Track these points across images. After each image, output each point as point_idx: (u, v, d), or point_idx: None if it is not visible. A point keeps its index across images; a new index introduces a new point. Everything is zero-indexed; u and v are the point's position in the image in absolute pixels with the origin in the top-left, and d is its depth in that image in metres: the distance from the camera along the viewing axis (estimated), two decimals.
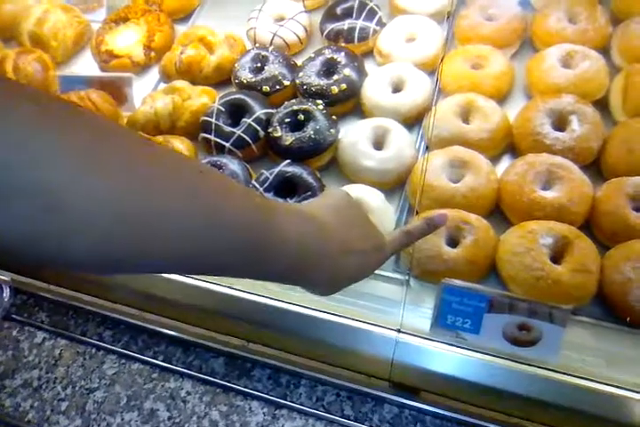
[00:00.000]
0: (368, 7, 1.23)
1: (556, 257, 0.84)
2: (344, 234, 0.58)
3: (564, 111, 0.99)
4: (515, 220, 0.93)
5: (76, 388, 0.85)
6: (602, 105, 1.06)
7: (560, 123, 1.00)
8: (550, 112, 1.00)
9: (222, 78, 1.22)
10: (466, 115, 1.03)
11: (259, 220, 0.47)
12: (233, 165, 1.00)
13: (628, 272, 0.79)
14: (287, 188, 0.98)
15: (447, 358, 0.78)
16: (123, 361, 0.86)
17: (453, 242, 0.88)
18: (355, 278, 0.62)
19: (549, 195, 0.89)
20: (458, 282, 0.76)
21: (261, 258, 0.48)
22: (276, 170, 0.98)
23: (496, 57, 1.11)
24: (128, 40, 1.31)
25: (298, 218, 0.53)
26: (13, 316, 0.91)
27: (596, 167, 0.99)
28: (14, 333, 0.90)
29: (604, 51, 1.13)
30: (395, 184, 1.01)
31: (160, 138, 1.07)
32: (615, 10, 1.20)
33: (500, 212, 0.96)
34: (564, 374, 0.74)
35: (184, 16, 1.39)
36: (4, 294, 0.91)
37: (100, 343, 0.88)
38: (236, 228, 0.45)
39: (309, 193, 0.95)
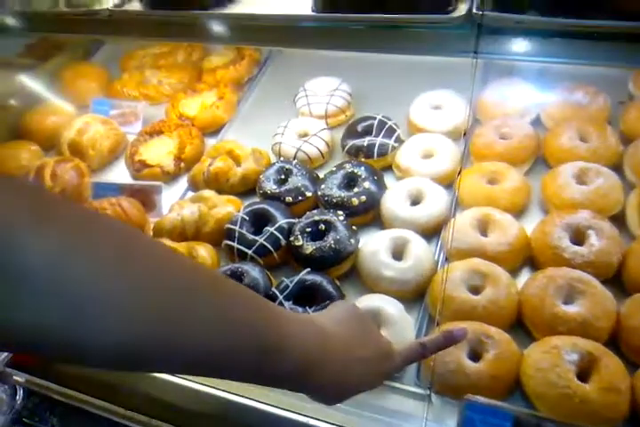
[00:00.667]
0: (387, 126, 1.31)
1: (582, 375, 0.81)
2: (348, 342, 0.60)
3: (581, 226, 1.01)
4: (537, 334, 0.91)
5: None
6: (618, 220, 1.08)
7: (578, 237, 1.01)
8: (567, 227, 1.01)
9: (247, 188, 1.28)
10: (483, 228, 1.05)
11: (269, 326, 0.51)
12: (254, 272, 1.02)
13: None
14: (307, 296, 0.98)
15: None
16: None
17: (475, 356, 0.86)
18: (360, 387, 0.63)
19: (572, 309, 0.88)
20: (481, 399, 0.74)
21: (268, 362, 0.51)
22: (297, 278, 0.99)
23: (511, 173, 1.15)
24: (160, 151, 1.40)
25: (305, 326, 0.56)
26: (24, 419, 0.88)
27: (617, 282, 0.99)
28: None
29: (616, 168, 1.18)
30: (414, 294, 1.01)
31: (184, 244, 1.11)
32: (624, 130, 1.26)
33: (521, 325, 0.94)
34: None
35: (214, 131, 1.50)
36: (17, 397, 0.89)
37: None
38: (246, 332, 0.48)
39: (329, 302, 0.95)
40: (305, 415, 0.79)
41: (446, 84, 1.38)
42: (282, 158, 1.31)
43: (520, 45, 0.80)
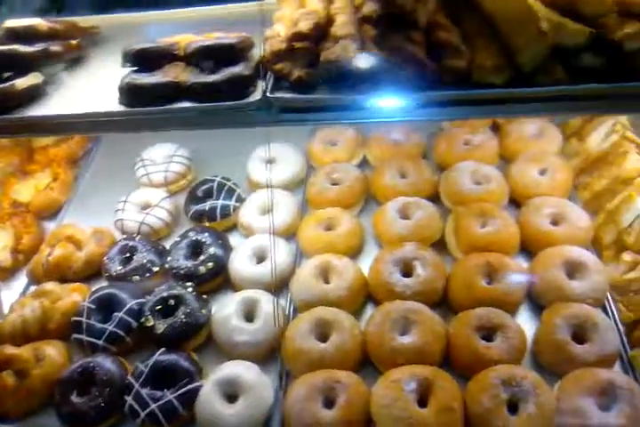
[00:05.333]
0: (226, 187, 1.36)
1: (422, 399, 0.89)
2: None
3: (408, 258, 1.12)
4: (382, 368, 0.99)
5: None
6: (441, 245, 1.21)
7: (407, 269, 1.12)
8: (397, 261, 1.11)
9: (94, 271, 1.26)
10: (325, 275, 1.13)
11: None
12: (107, 363, 1.01)
13: (486, 403, 0.86)
14: (165, 377, 0.99)
15: None
16: None
17: (330, 403, 0.92)
18: None
19: (407, 340, 0.97)
20: None
21: None
22: (151, 361, 1.00)
23: (345, 217, 1.25)
24: None
25: None
26: None
27: (446, 302, 1.11)
28: None
29: (435, 197, 1.31)
30: (271, 351, 1.05)
31: (29, 346, 1.07)
32: (437, 161, 1.42)
33: (371, 362, 1.02)
34: None
35: (52, 214, 1.45)
36: None
37: None
38: None
39: (187, 379, 0.97)
40: None
41: (281, 137, 1.46)
42: (124, 236, 1.31)
43: (316, 116, 0.87)
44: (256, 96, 0.84)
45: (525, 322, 1.05)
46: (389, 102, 0.80)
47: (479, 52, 0.78)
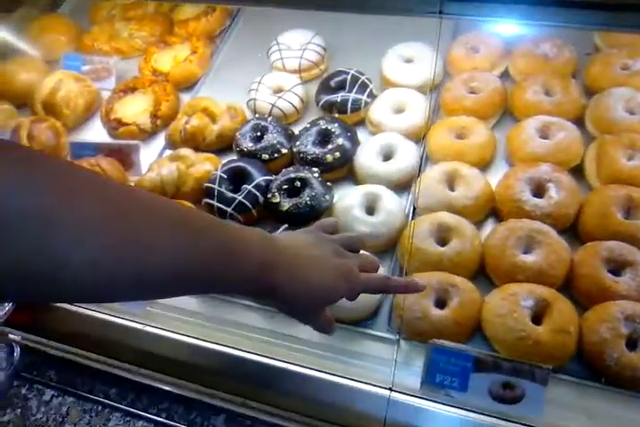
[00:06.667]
0: (360, 81, 1.33)
1: (537, 318, 0.89)
2: (302, 248, 0.69)
3: (542, 179, 1.07)
4: (498, 282, 0.98)
5: None
6: (578, 172, 1.15)
7: (538, 190, 1.07)
8: (529, 180, 1.07)
9: (224, 145, 1.31)
10: (451, 182, 1.11)
11: (229, 237, 0.60)
12: None
13: (604, 333, 0.85)
14: None
15: (438, 417, 0.81)
16: (128, 418, 0.89)
17: (441, 303, 0.94)
18: (317, 297, 0.68)
19: (529, 259, 0.95)
20: (445, 343, 0.82)
21: (231, 268, 0.59)
22: (275, 234, 1.04)
23: (479, 128, 1.20)
24: (136, 108, 1.41)
25: (259, 236, 0.65)
26: (23, 374, 0.95)
27: (574, 231, 1.06)
28: (23, 391, 0.94)
29: (579, 121, 1.22)
30: (386, 247, 1.07)
31: None
32: (588, 83, 1.30)
33: (484, 274, 1.02)
34: None
35: (189, 86, 1.50)
36: (15, 354, 0.95)
37: (106, 401, 0.91)
38: (210, 245, 0.57)
39: None
40: (285, 362, 0.87)
41: (419, 36, 1.38)
42: (257, 115, 1.33)
43: (487, 9, 0.81)
44: None
45: None
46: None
47: None
